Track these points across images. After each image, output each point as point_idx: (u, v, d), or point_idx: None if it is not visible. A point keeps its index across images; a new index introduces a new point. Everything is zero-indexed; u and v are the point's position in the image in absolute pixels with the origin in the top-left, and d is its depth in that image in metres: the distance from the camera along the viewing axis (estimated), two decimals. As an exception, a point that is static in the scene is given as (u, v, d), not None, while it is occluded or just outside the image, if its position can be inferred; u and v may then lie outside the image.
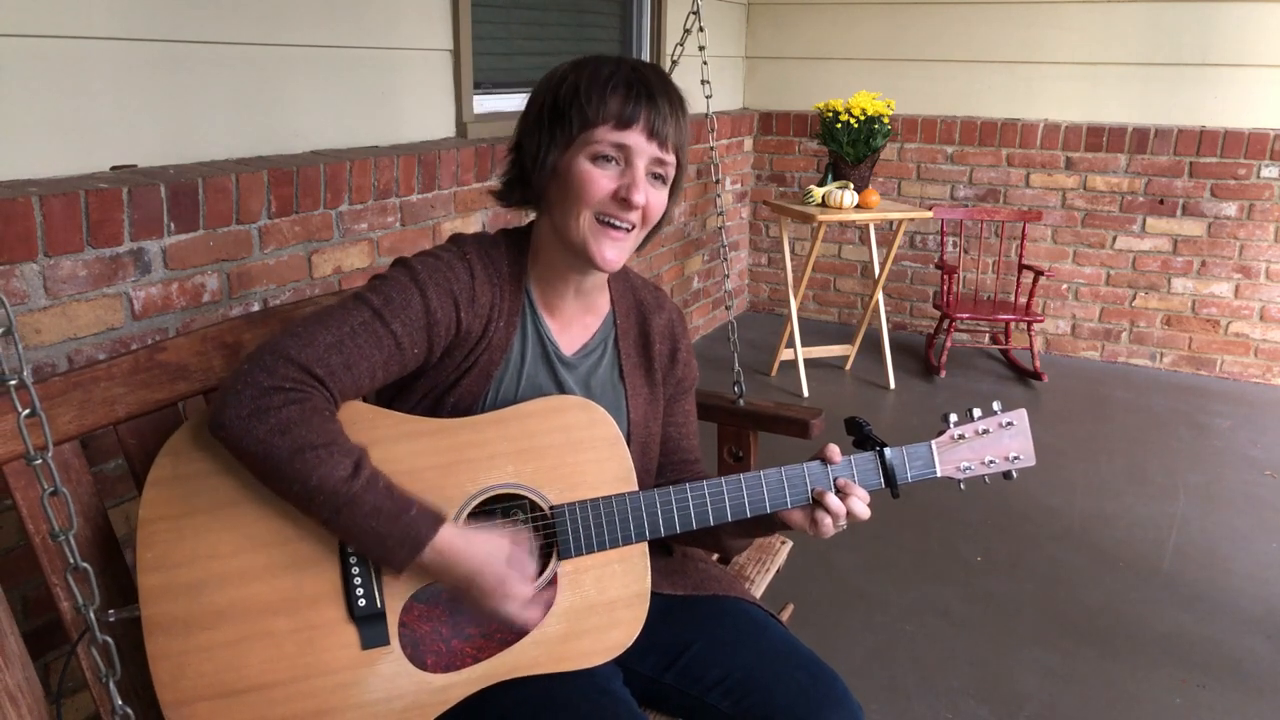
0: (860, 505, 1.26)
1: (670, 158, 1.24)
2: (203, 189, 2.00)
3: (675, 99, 1.24)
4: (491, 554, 1.14)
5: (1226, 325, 4.48)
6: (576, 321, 1.35)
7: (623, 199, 1.21)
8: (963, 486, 1.35)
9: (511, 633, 1.21)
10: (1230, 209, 4.34)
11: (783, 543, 1.85)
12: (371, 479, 1.11)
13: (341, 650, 1.16)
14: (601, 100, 1.20)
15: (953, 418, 1.32)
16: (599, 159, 1.21)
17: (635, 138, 1.20)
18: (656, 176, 1.24)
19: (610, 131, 1.20)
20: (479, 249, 1.28)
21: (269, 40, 2.31)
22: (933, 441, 1.31)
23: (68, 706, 1.87)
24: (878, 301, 4.37)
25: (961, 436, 1.32)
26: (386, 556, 1.12)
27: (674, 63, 2.35)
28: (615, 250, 1.24)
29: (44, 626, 1.81)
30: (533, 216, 1.34)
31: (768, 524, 1.32)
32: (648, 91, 1.21)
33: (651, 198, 1.23)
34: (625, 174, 1.21)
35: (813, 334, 4.91)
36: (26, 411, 1.03)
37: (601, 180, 1.21)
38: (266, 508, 1.14)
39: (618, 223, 1.22)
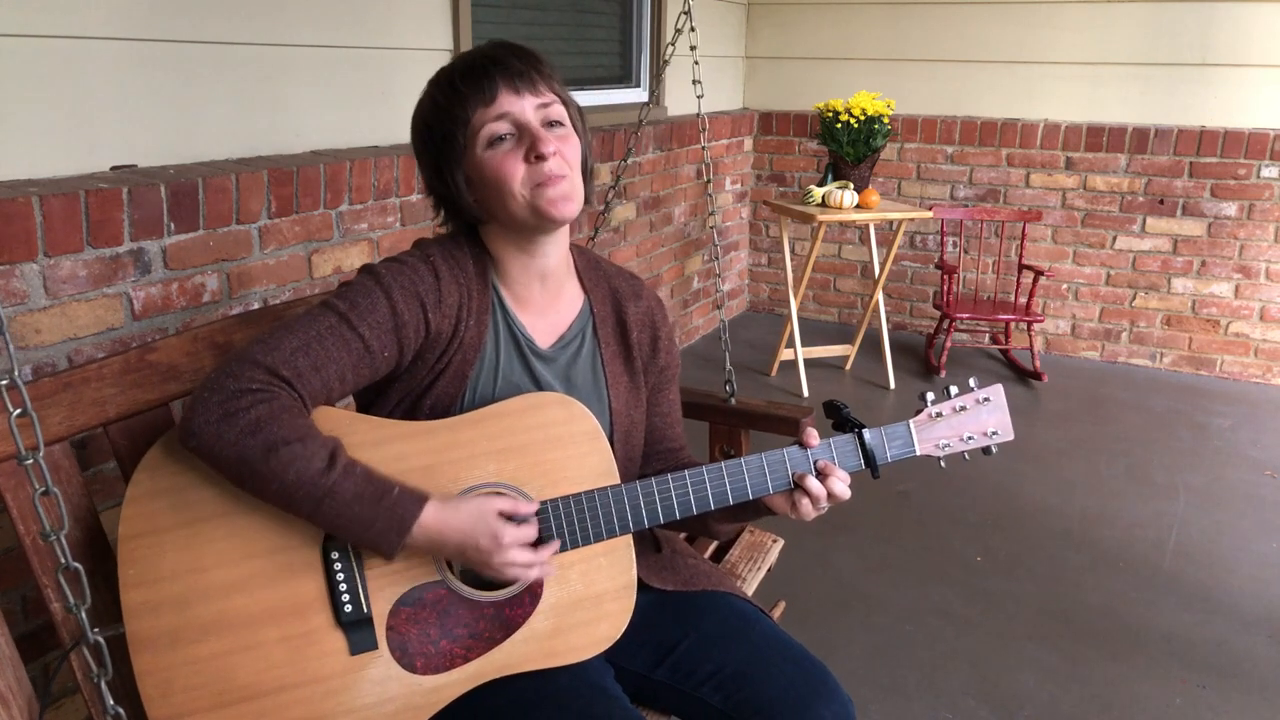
0: (840, 486, 1.26)
1: (550, 98, 1.24)
2: (203, 189, 2.00)
3: (521, 53, 1.25)
4: (480, 514, 1.14)
5: (1226, 325, 4.47)
6: (549, 312, 1.34)
7: (536, 157, 1.21)
8: (943, 464, 1.35)
9: (500, 631, 1.21)
10: (1230, 209, 4.33)
11: (774, 541, 1.85)
12: (349, 467, 1.11)
13: (330, 657, 1.15)
14: (459, 94, 1.22)
15: (930, 396, 1.33)
16: (494, 142, 1.22)
17: (507, 101, 1.21)
18: (553, 124, 1.24)
19: (484, 112, 1.21)
20: (442, 250, 1.28)
21: (269, 40, 2.31)
22: (910, 420, 1.32)
23: (66, 707, 1.87)
24: (878, 301, 4.37)
25: (939, 414, 1.32)
26: (376, 542, 1.11)
27: (665, 62, 2.35)
28: (562, 195, 1.22)
29: (44, 627, 1.81)
30: None
31: (753, 509, 1.32)
32: (491, 59, 1.23)
33: (560, 143, 1.23)
34: (523, 138, 1.22)
35: (813, 334, 4.91)
36: (18, 411, 1.03)
37: (508, 159, 1.21)
38: (247, 519, 1.14)
39: (546, 176, 1.22)
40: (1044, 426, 3.87)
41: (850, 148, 4.02)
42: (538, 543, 1.19)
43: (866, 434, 1.29)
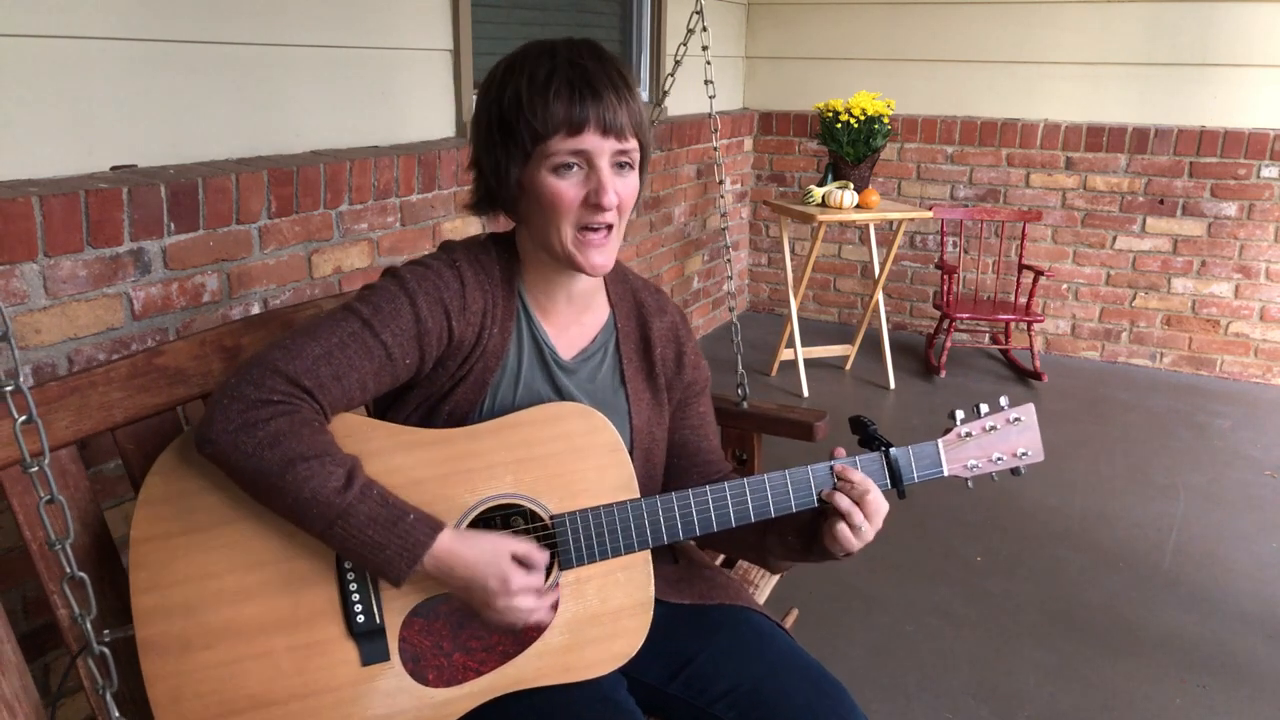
0: (871, 494, 1.21)
1: (631, 144, 1.19)
2: (203, 189, 2.00)
3: (620, 83, 1.18)
4: (494, 554, 1.13)
5: (1226, 325, 4.47)
6: (574, 324, 1.33)
7: (594, 204, 1.17)
8: (970, 485, 1.32)
9: (514, 645, 1.20)
10: (1230, 209, 4.33)
11: None
12: (366, 488, 1.09)
13: (341, 667, 1.14)
14: (546, 108, 1.15)
15: (959, 415, 1.29)
16: (560, 169, 1.17)
17: (591, 140, 1.16)
18: (622, 165, 1.20)
19: (564, 140, 1.15)
20: (469, 255, 1.26)
21: (269, 40, 2.31)
22: (939, 440, 1.28)
23: (66, 707, 1.87)
24: (878, 301, 4.37)
25: (969, 434, 1.29)
26: (385, 567, 1.09)
27: (677, 63, 2.35)
28: (601, 254, 1.21)
29: (44, 627, 1.81)
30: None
31: (817, 549, 1.28)
32: (591, 88, 1.15)
33: (622, 190, 1.19)
34: (590, 177, 1.17)
35: (813, 334, 4.91)
36: (23, 418, 1.02)
37: (569, 191, 1.17)
38: (261, 525, 1.13)
39: (596, 225, 1.19)
40: (1044, 426, 3.83)
41: (850, 148, 4.02)
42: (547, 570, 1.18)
43: (894, 452, 1.25)
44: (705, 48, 2.14)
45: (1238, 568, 2.86)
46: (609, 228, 1.20)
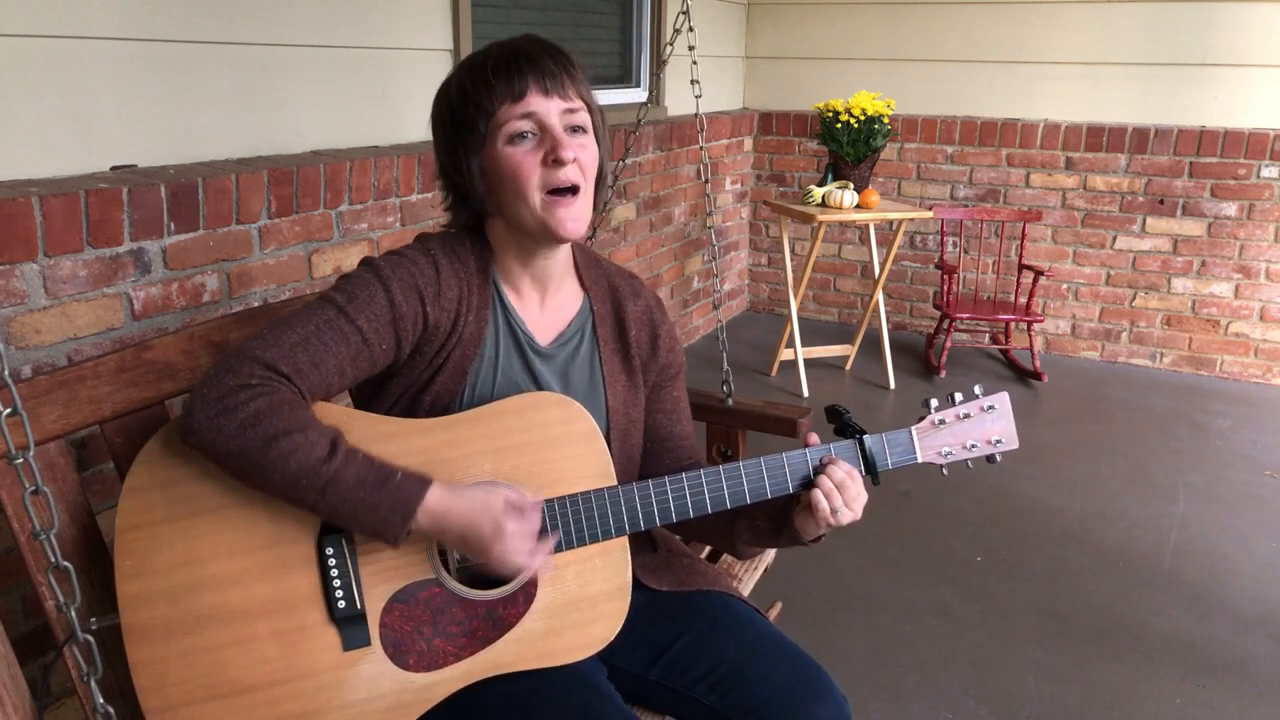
0: (842, 474, 1.23)
1: (577, 104, 1.24)
2: (203, 189, 2.00)
3: (557, 54, 1.25)
4: (486, 503, 1.14)
5: (1226, 325, 4.47)
6: (549, 310, 1.35)
7: (554, 160, 1.21)
8: (945, 472, 1.34)
9: (493, 629, 1.21)
10: (1230, 209, 4.33)
11: None
12: (350, 454, 1.11)
13: (323, 652, 1.16)
14: (488, 86, 1.21)
15: (933, 403, 1.32)
16: (514, 139, 1.21)
17: (535, 101, 1.21)
18: (575, 129, 1.24)
19: (510, 108, 1.21)
20: (443, 244, 1.28)
21: (269, 40, 2.31)
22: (913, 427, 1.30)
23: (67, 706, 1.87)
24: (878, 301, 4.37)
25: (942, 422, 1.31)
26: (380, 527, 1.11)
27: (663, 61, 2.36)
28: (572, 217, 1.23)
29: (43, 627, 1.80)
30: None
31: (786, 534, 1.30)
32: (526, 56, 1.22)
33: (580, 151, 1.23)
34: (545, 140, 1.22)
35: (813, 334, 4.91)
36: (8, 411, 1.03)
37: (527, 157, 1.21)
38: (244, 513, 1.14)
39: (561, 185, 1.22)
40: (1044, 426, 3.87)
41: (850, 148, 4.02)
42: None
43: (868, 440, 1.28)
44: (692, 47, 2.14)
45: (1238, 568, 2.86)
46: (574, 191, 1.23)
